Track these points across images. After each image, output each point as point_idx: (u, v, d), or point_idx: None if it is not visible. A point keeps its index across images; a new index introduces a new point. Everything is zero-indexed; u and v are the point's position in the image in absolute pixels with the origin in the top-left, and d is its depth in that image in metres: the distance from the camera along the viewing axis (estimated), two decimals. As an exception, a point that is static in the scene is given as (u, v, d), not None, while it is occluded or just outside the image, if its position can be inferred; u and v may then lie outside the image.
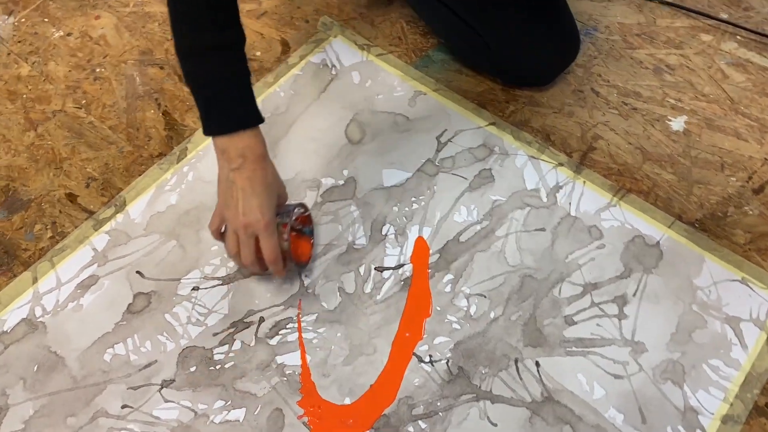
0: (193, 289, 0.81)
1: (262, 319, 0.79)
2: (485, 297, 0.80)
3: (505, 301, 0.80)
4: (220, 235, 0.76)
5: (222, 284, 0.81)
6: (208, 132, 0.72)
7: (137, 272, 0.82)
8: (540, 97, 0.97)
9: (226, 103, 0.71)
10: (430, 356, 0.76)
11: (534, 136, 0.93)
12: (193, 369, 0.75)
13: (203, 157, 0.92)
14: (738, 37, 1.02)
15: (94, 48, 1.04)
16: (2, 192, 0.89)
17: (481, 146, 0.92)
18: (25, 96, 0.98)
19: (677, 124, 0.93)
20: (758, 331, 0.77)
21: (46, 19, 1.07)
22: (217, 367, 0.76)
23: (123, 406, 0.73)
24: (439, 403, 0.73)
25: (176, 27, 0.70)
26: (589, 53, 1.01)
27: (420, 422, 0.72)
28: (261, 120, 0.73)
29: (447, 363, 0.75)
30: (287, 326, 0.78)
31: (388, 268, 0.83)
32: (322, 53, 1.03)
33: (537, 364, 0.75)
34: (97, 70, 1.01)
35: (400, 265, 0.83)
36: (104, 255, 0.83)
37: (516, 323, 0.78)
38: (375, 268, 0.82)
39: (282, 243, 0.74)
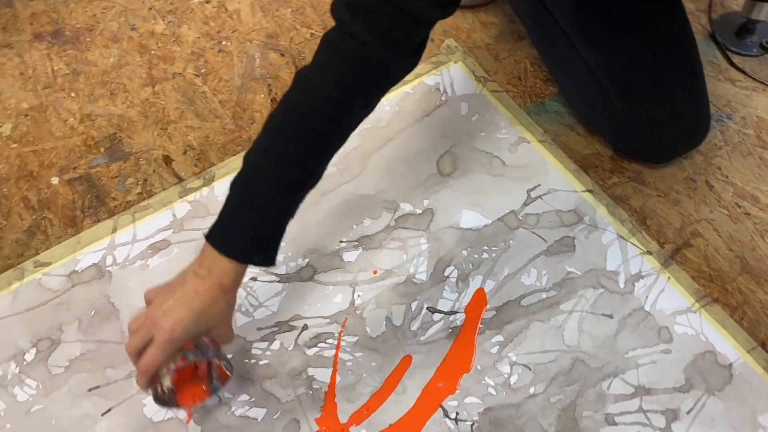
0: (252, 278, 0.83)
1: (305, 327, 0.80)
2: (530, 370, 0.77)
3: (550, 380, 0.76)
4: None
5: (279, 282, 0.83)
6: (211, 237, 0.66)
7: (205, 249, 0.85)
8: (648, 175, 0.91)
9: (255, 231, 0.66)
10: (457, 414, 0.74)
11: (630, 216, 0.88)
12: (230, 356, 0.78)
13: (296, 152, 0.93)
14: None
15: (227, 21, 1.07)
16: (108, 139, 0.94)
17: (572, 211, 0.89)
18: (152, 52, 1.03)
19: (791, 244, 0.85)
20: (816, 495, 0.70)
21: (192, -17, 1.12)
22: (252, 361, 0.77)
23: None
24: (451, 464, 0.71)
25: (266, 137, 0.67)
26: (714, 142, 0.94)
27: (427, 477, 0.70)
28: (267, 264, 0.67)
29: (472, 426, 0.73)
30: (327, 341, 0.79)
31: (440, 311, 0.81)
32: (438, 76, 1.02)
33: (563, 455, 0.72)
34: (223, 42, 1.05)
35: (453, 312, 0.81)
36: (181, 223, 0.87)
37: (554, 406, 0.75)
38: (427, 308, 0.81)
39: (168, 368, 0.64)
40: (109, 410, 0.74)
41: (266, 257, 0.67)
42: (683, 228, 0.87)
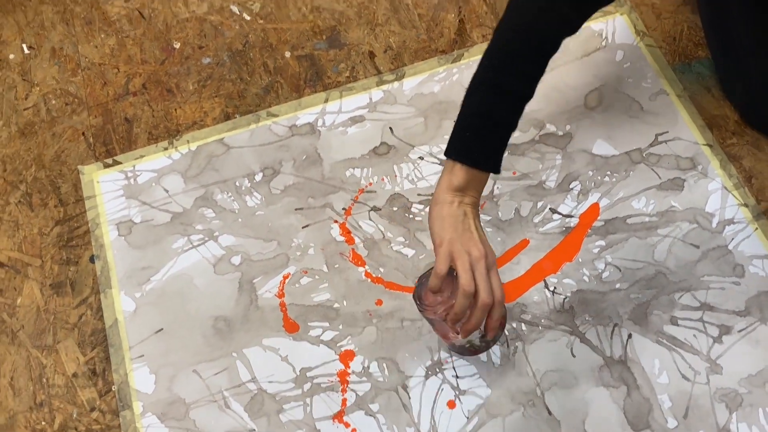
0: (420, 157, 1.09)
1: (454, 201, 1.05)
2: (620, 270, 0.99)
3: (634, 282, 0.98)
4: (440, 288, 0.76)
5: (439, 164, 1.08)
6: (452, 152, 0.77)
7: (390, 128, 1.11)
8: (765, 143, 1.06)
9: (487, 140, 0.77)
10: (555, 288, 0.98)
11: (738, 172, 1.04)
12: (395, 209, 1.05)
13: (471, 67, 1.15)
14: None
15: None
16: (330, 29, 1.20)
17: (688, 159, 1.06)
18: (372, -36, 1.27)
19: None
20: (825, 413, 0.89)
21: None
22: (411, 216, 1.04)
23: (342, 208, 1.05)
24: (542, 320, 0.96)
25: (489, 58, 0.79)
26: (837, 126, 1.06)
27: (522, 324, 0.96)
28: (497, 171, 0.79)
29: (564, 299, 0.97)
30: (468, 215, 1.04)
31: (560, 213, 1.03)
32: (603, 24, 1.19)
33: (629, 335, 0.94)
34: (429, -35, 1.26)
35: (570, 216, 1.03)
36: (375, 105, 1.13)
37: (632, 300, 0.96)
38: (549, 208, 1.04)
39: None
40: (307, 225, 1.04)
41: (497, 167, 0.79)
42: (782, 191, 1.02)
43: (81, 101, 1.14)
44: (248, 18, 1.22)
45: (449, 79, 1.15)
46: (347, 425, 0.90)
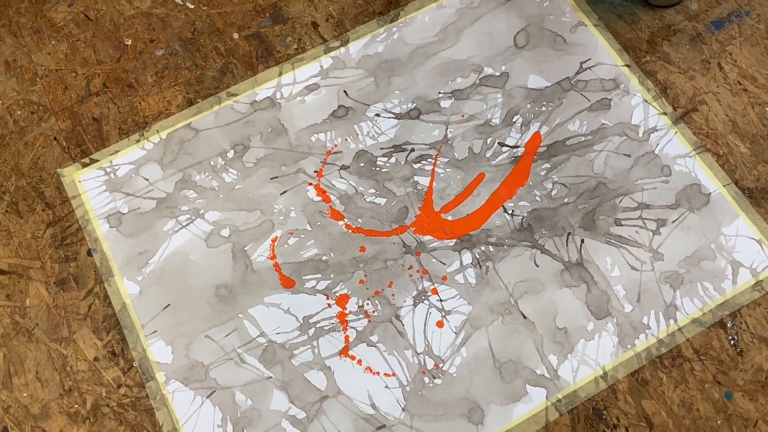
0: (376, 114, 1.19)
1: (413, 149, 1.16)
2: (566, 187, 1.12)
3: (579, 195, 1.11)
4: None
5: (395, 118, 1.18)
6: None
7: (344, 91, 1.20)
8: (674, 56, 1.20)
9: None
10: (513, 211, 1.11)
11: (655, 86, 1.18)
12: (362, 164, 1.15)
13: (409, 24, 1.25)
14: None
15: None
16: (271, 7, 1.28)
17: (611, 80, 1.19)
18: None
19: (773, 112, 1.15)
20: (750, 277, 1.05)
21: None
22: (377, 168, 1.15)
23: (314, 171, 1.14)
24: (506, 240, 1.09)
25: None
26: (732, 33, 1.21)
27: (490, 246, 1.08)
28: None
29: (522, 219, 1.10)
30: (428, 159, 1.15)
31: (507, 145, 1.16)
32: (520, -32, 1.30)
33: (582, 240, 1.08)
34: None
35: (516, 146, 1.16)
36: (326, 72, 1.22)
37: (580, 211, 1.10)
38: (498, 142, 1.16)
39: None
40: (284, 192, 1.13)
41: None
42: (693, 97, 1.17)
43: (46, 108, 1.19)
44: (192, 6, 1.28)
45: (391, 38, 1.24)
46: (353, 358, 1.02)
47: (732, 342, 1.02)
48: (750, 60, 1.19)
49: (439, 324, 1.04)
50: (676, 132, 1.15)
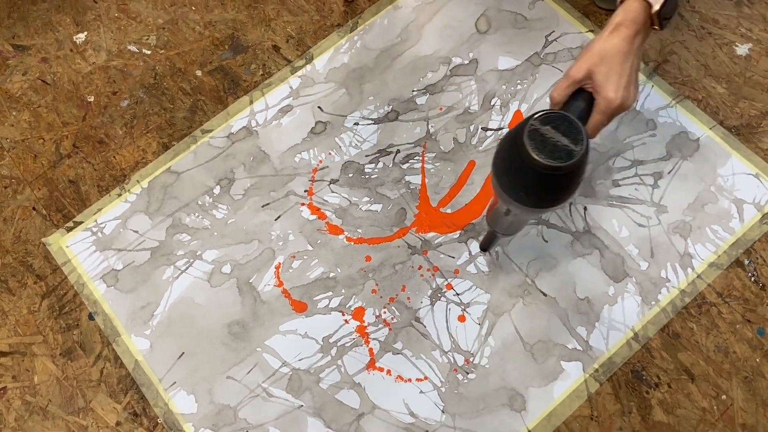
0: (355, 123, 1.17)
1: (398, 151, 1.14)
2: (557, 158, 1.11)
3: (572, 164, 1.11)
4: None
5: (374, 124, 1.17)
6: None
7: (318, 107, 1.19)
8: (635, 13, 1.21)
9: None
10: (511, 192, 1.10)
11: (622, 45, 1.18)
12: (350, 175, 1.13)
13: (369, 31, 1.25)
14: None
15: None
16: (229, 38, 1.26)
17: (579, 47, 1.20)
18: (244, -32, 1.33)
19: (742, 49, 1.16)
20: (755, 212, 1.05)
21: None
22: (366, 176, 1.13)
23: (304, 190, 1.12)
24: (510, 222, 1.07)
25: None
26: (685, -19, 1.23)
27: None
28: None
29: (521, 198, 1.09)
30: (415, 158, 1.14)
31: (491, 129, 1.15)
32: (467, -43, 1.30)
33: (585, 208, 1.07)
34: (296, -47, 1.34)
35: (500, 128, 1.15)
36: (297, 92, 1.20)
37: (576, 180, 1.09)
38: (481, 128, 1.15)
39: None
40: (279, 216, 1.11)
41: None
42: (662, 49, 1.18)
43: (19, 180, 1.16)
44: (149, 52, 1.25)
45: (354, 47, 1.23)
46: (381, 369, 0.99)
47: (753, 278, 1.02)
48: (708, 3, 1.21)
49: (461, 318, 1.01)
50: (653, 85, 1.15)
